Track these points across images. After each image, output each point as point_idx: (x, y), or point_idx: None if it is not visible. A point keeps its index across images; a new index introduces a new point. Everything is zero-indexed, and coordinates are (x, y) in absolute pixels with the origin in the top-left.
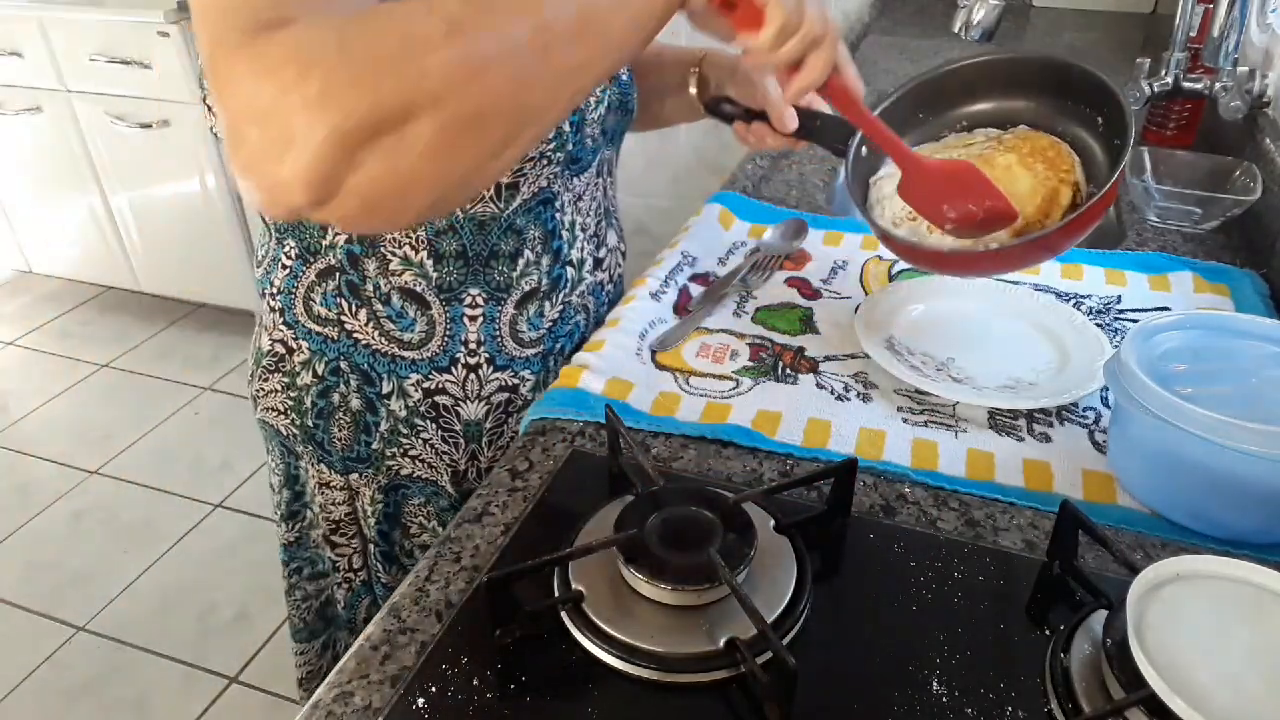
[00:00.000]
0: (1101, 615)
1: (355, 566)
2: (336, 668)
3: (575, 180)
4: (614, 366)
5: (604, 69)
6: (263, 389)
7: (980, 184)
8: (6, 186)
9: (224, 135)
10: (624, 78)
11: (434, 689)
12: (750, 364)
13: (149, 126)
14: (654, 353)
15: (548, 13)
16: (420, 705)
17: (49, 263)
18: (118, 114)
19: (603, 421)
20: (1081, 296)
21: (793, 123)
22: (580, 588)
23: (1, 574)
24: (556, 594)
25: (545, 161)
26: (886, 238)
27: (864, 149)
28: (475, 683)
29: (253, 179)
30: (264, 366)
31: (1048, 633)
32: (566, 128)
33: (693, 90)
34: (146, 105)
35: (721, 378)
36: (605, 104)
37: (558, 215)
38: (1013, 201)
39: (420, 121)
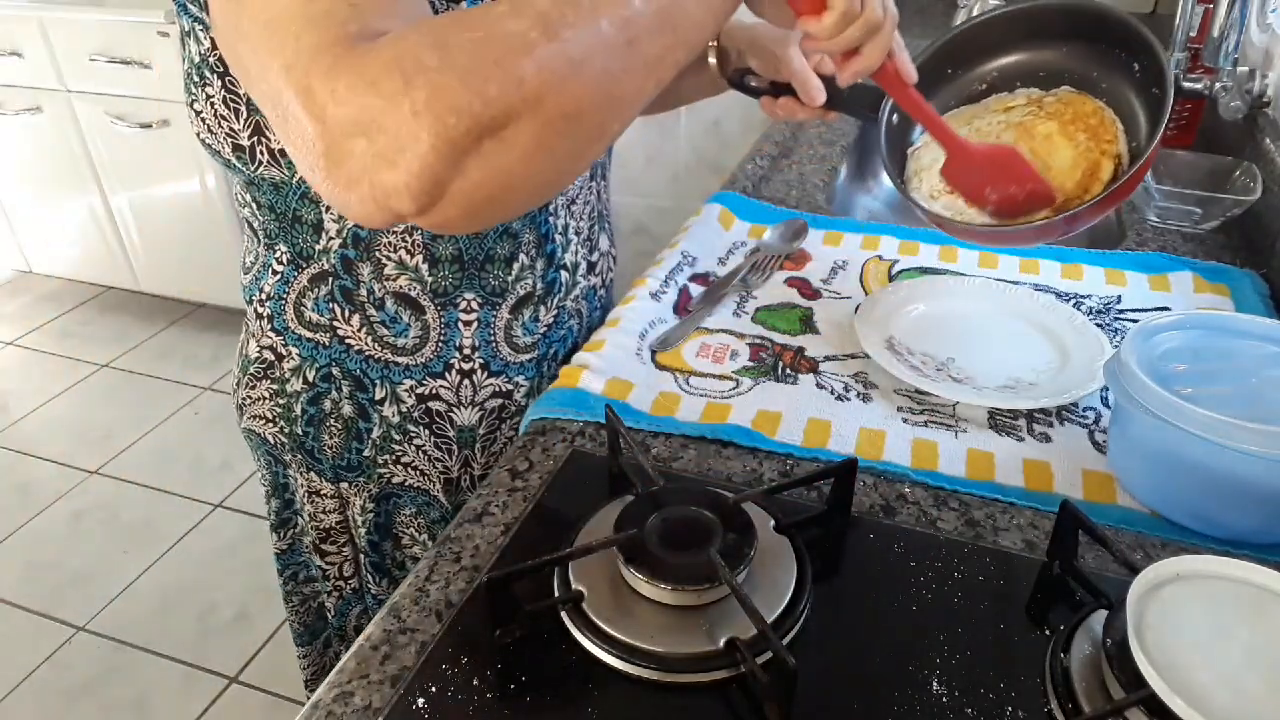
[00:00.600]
0: (1101, 615)
1: (346, 574)
2: (336, 668)
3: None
4: (614, 366)
5: (683, 56)
6: (250, 396)
7: (1022, 168)
8: (6, 186)
9: (318, 154)
10: None
11: (434, 689)
12: (750, 364)
13: (149, 126)
14: (654, 353)
15: (629, 7)
16: (420, 705)
17: (49, 263)
18: (118, 114)
19: (603, 421)
20: (1081, 296)
21: (820, 95)
22: (580, 588)
23: (1, 574)
24: (556, 594)
25: None
26: (924, 210)
27: (894, 116)
28: (475, 683)
29: (360, 191)
30: (251, 374)
31: (1048, 633)
32: None
33: (713, 62)
34: (146, 105)
35: (721, 378)
36: None
37: (551, 219)
38: (1054, 175)
39: (521, 123)
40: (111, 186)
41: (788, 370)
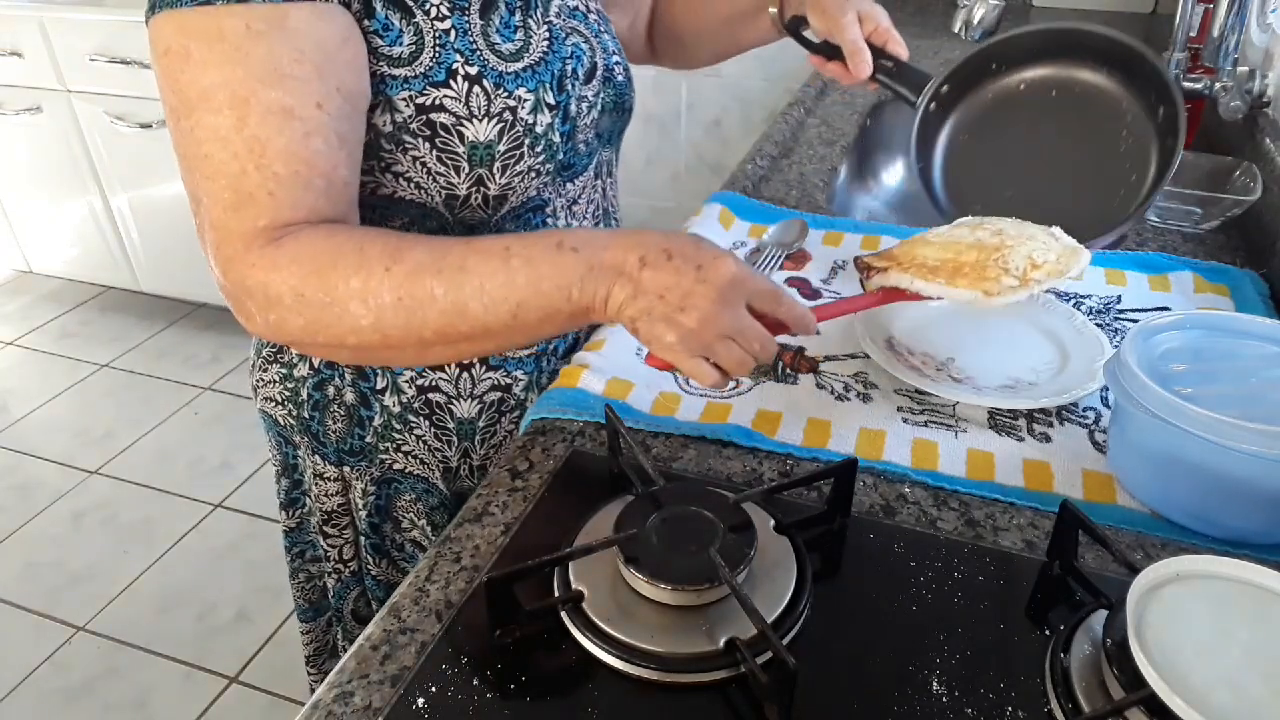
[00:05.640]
0: (1101, 615)
1: (346, 557)
2: (336, 668)
3: (569, 185)
4: (614, 366)
5: (494, 348)
6: (262, 379)
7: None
8: (6, 186)
9: (209, 252)
10: (620, 78)
11: (434, 689)
12: None
13: (149, 126)
14: None
15: (449, 322)
16: (420, 705)
17: (49, 263)
18: (118, 114)
19: (603, 421)
20: (1081, 296)
21: (866, 70)
22: (580, 588)
23: (1, 574)
24: (556, 594)
25: (534, 174)
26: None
27: (933, 105)
28: (475, 683)
29: (224, 289)
30: (264, 357)
31: (1048, 633)
32: (557, 139)
33: (773, 11)
34: (146, 105)
35: None
36: (599, 108)
37: (549, 221)
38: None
39: (339, 351)
40: (111, 186)
41: (788, 370)
